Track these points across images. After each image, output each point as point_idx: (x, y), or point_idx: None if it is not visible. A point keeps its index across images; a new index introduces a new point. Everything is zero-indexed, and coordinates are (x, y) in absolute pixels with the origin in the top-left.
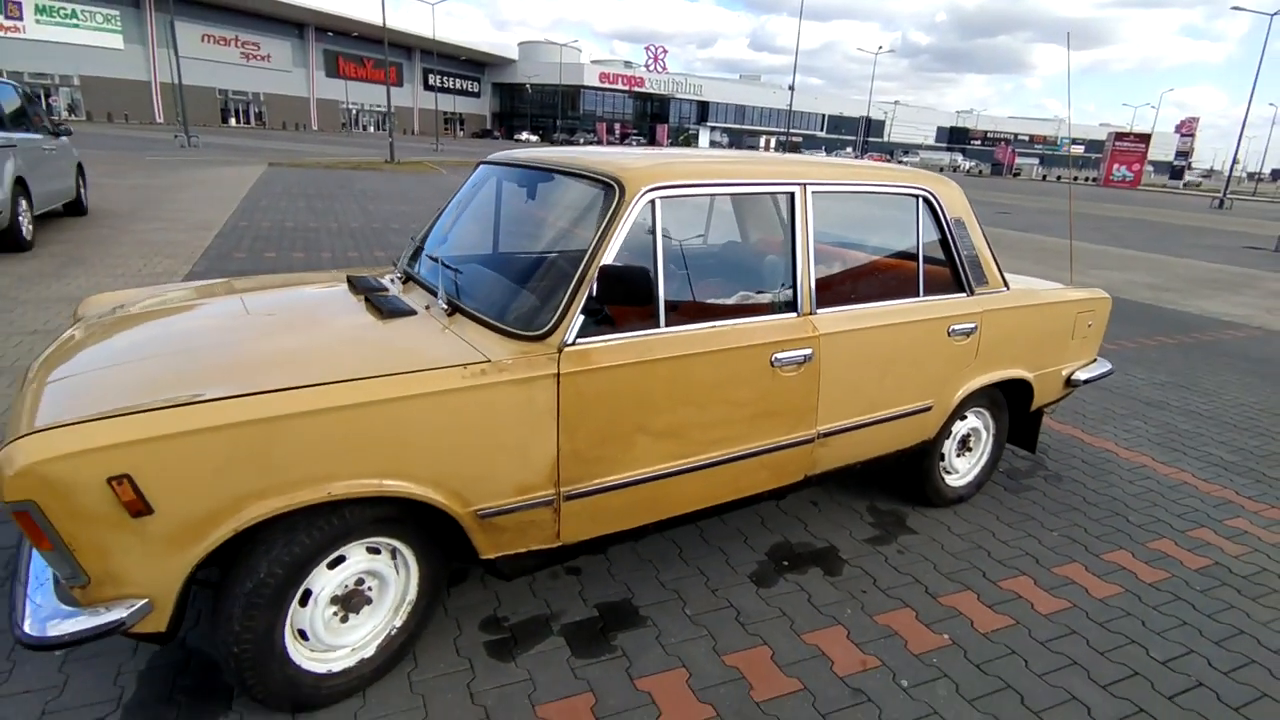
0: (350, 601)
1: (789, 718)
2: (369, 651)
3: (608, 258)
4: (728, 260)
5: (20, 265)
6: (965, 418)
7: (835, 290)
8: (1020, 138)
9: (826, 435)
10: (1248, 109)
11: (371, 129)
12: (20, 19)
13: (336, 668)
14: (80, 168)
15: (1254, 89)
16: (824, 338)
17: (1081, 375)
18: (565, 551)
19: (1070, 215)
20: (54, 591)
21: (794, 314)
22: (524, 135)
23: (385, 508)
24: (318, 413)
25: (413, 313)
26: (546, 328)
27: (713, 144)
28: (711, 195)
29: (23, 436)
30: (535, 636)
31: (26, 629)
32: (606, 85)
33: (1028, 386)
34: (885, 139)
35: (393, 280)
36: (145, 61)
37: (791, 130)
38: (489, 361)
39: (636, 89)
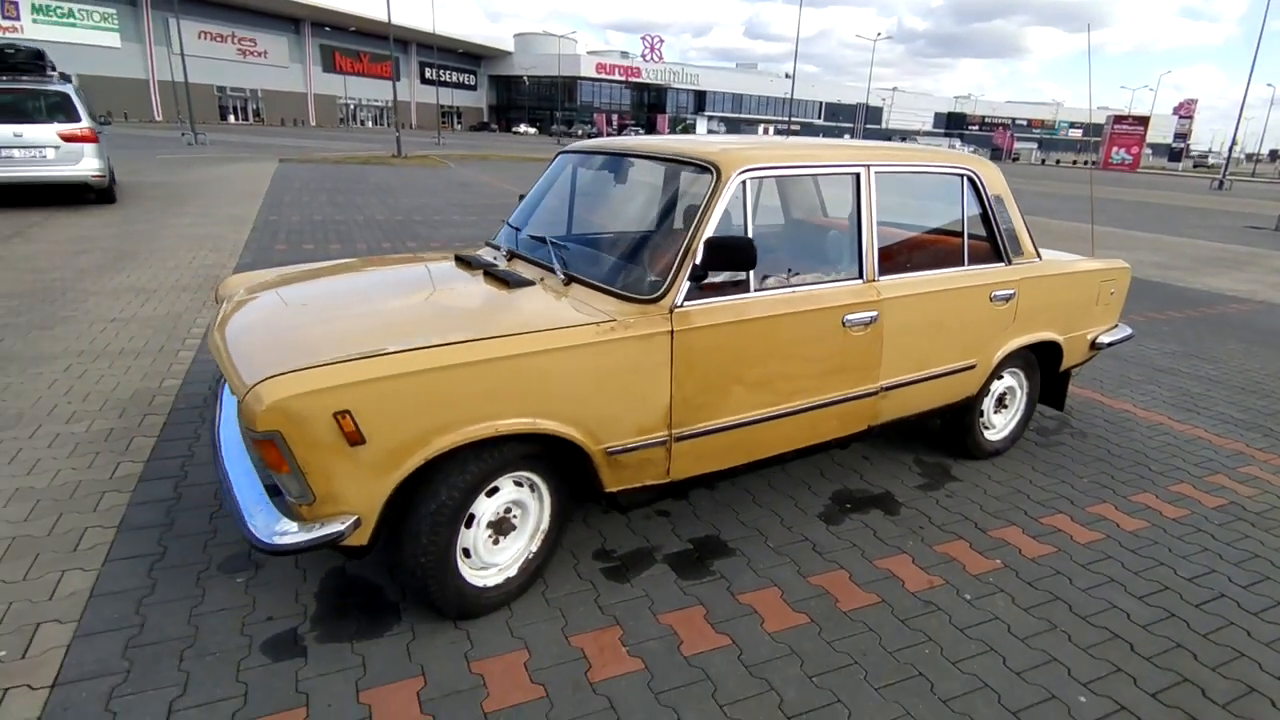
0: (501, 526)
1: (874, 623)
2: (513, 571)
3: (709, 231)
4: (801, 234)
5: (77, 260)
6: (1002, 377)
7: (894, 260)
8: (1018, 122)
9: (888, 389)
10: (1246, 90)
11: (370, 124)
12: (17, 19)
13: (490, 583)
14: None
15: (1252, 69)
16: (886, 301)
17: (1105, 339)
18: (672, 487)
19: (1091, 195)
20: (271, 513)
21: (860, 280)
22: (522, 128)
23: (531, 445)
24: (490, 361)
25: (531, 283)
26: (659, 292)
27: (710, 132)
28: (790, 176)
29: (267, 379)
30: (643, 564)
31: (266, 540)
32: (603, 76)
33: (1058, 348)
34: (883, 125)
35: (496, 258)
36: (143, 60)
37: (789, 119)
38: (616, 320)
39: (633, 79)
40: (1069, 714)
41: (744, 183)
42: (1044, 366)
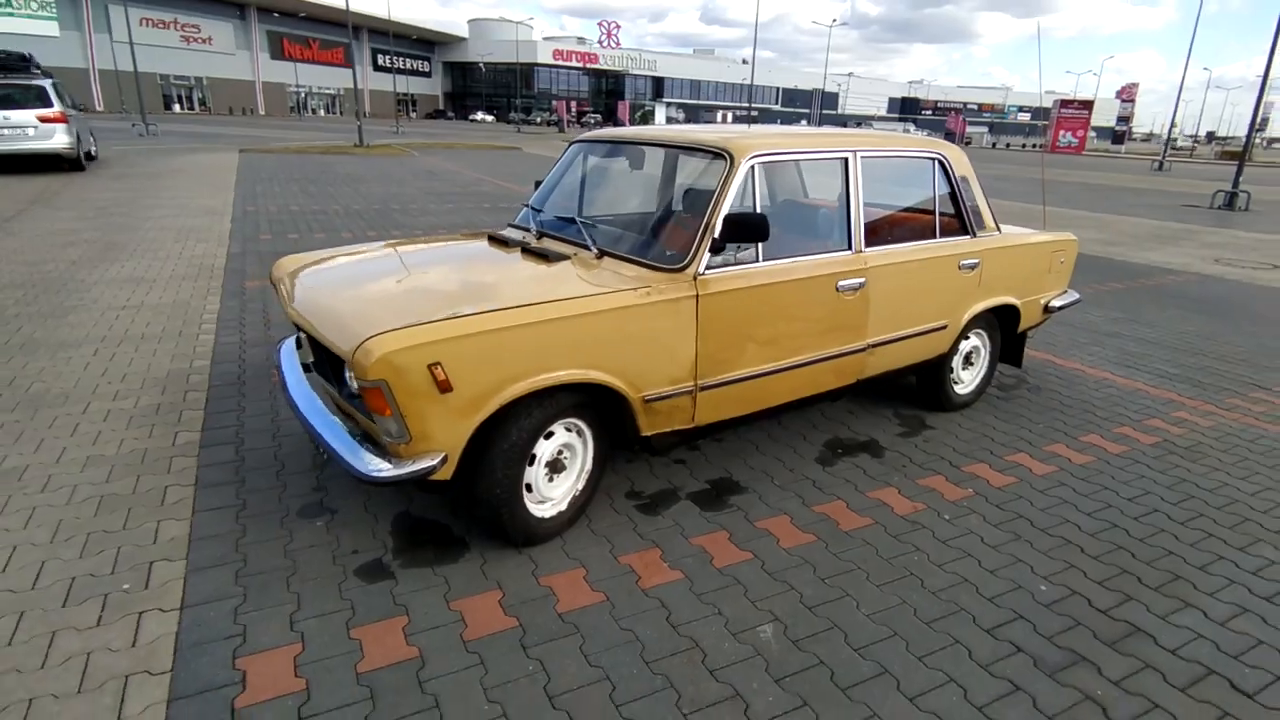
0: (555, 465)
1: (870, 538)
2: (563, 506)
3: (725, 209)
4: (795, 213)
5: (66, 253)
6: (969, 337)
7: (877, 234)
8: (969, 106)
9: (874, 346)
10: (1184, 74)
11: (322, 112)
12: None
13: (547, 515)
14: (90, 130)
15: (1189, 53)
16: (872, 269)
17: (1056, 303)
18: (695, 432)
19: (1043, 177)
20: (362, 454)
21: (849, 251)
22: (479, 115)
23: (581, 394)
24: (552, 321)
25: (566, 257)
26: (684, 262)
27: (669, 120)
28: (792, 161)
29: (375, 336)
30: (669, 501)
31: (370, 473)
32: (560, 63)
33: (1016, 311)
34: (839, 111)
35: (526, 237)
36: (82, 48)
37: (749, 104)
38: (650, 286)
39: (590, 65)
40: (1033, 599)
41: (753, 167)
42: (1004, 328)
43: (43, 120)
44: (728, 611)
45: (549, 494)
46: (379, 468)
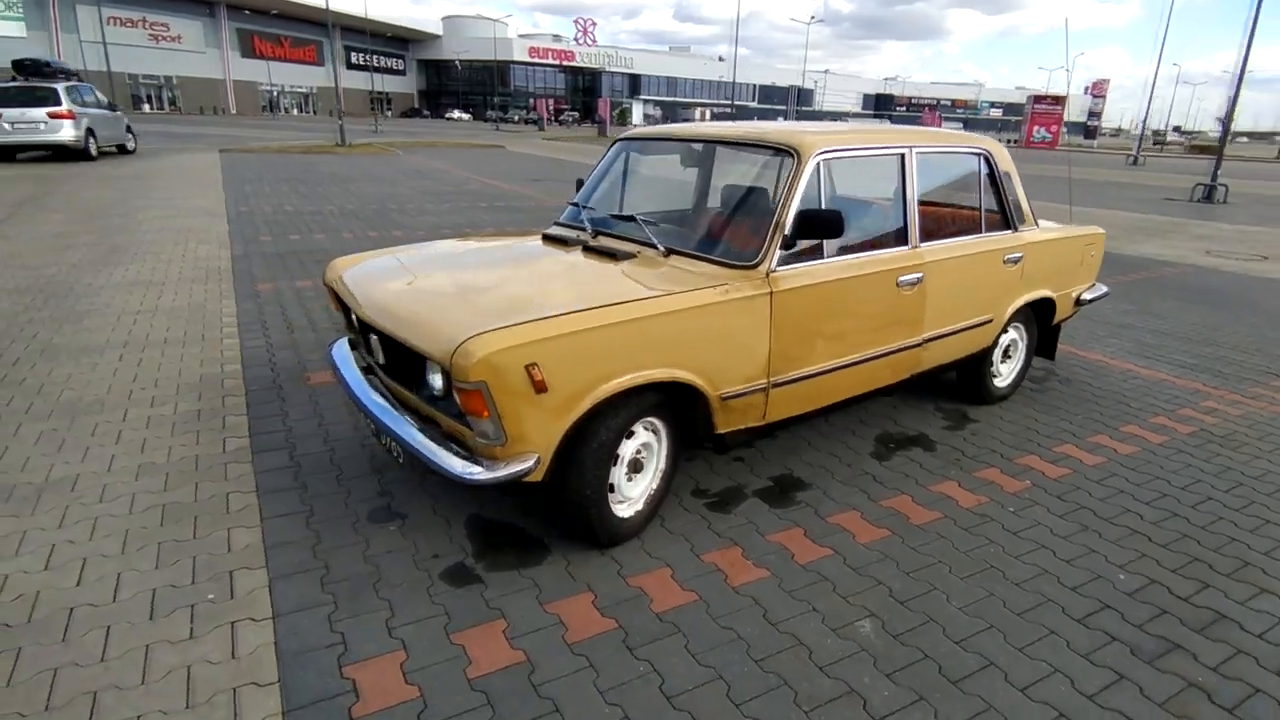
0: (635, 465)
1: (945, 532)
2: (640, 505)
3: (795, 205)
4: (855, 208)
5: (66, 256)
6: (1007, 330)
7: (929, 229)
8: (943, 103)
9: (928, 341)
10: (1156, 69)
11: (295, 111)
12: None
13: (627, 514)
14: (129, 126)
15: (1162, 47)
16: (928, 264)
17: (1087, 296)
18: (763, 429)
19: (1069, 174)
20: (450, 458)
21: (907, 247)
22: (455, 114)
23: (660, 393)
24: (640, 320)
25: (632, 256)
26: (757, 259)
27: (646, 117)
28: (855, 156)
29: (474, 337)
30: (737, 499)
31: (469, 477)
32: (536, 60)
33: (1052, 304)
34: (815, 107)
35: (581, 236)
36: (49, 48)
37: (724, 101)
38: (728, 284)
39: (567, 63)
40: (1114, 588)
41: (819, 164)
42: (1039, 321)
43: (51, 116)
44: (822, 607)
45: (629, 493)
46: (472, 470)
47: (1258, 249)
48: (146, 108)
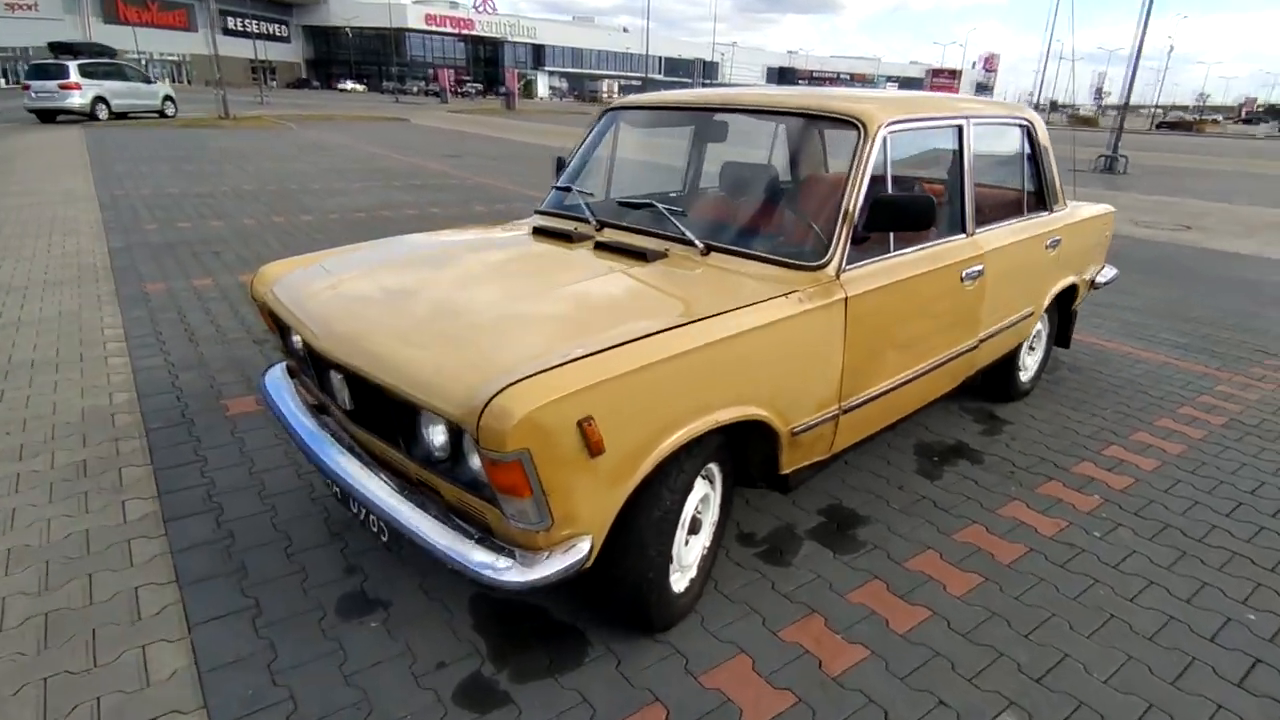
0: (693, 524)
1: (1040, 572)
2: (694, 571)
3: (863, 188)
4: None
5: None
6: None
7: (980, 214)
8: (842, 76)
9: (983, 340)
10: (1048, 45)
11: (168, 81)
12: None
13: (682, 586)
14: (169, 96)
15: (1052, 23)
16: (988, 255)
17: (1101, 279)
18: (828, 462)
19: (1073, 146)
20: (476, 550)
21: (964, 236)
22: (348, 84)
23: (723, 434)
24: (707, 347)
25: (663, 255)
26: (825, 258)
27: (552, 89)
28: (919, 129)
29: (508, 388)
30: (791, 544)
31: (504, 580)
32: (434, 28)
33: (1074, 290)
34: (721, 80)
35: (579, 228)
36: None
37: (632, 74)
38: (799, 291)
39: (466, 32)
40: (1251, 634)
41: (886, 139)
42: (1059, 308)
43: (61, 87)
44: (950, 699)
45: (685, 560)
46: (503, 570)
47: (1178, 219)
48: (1, 82)
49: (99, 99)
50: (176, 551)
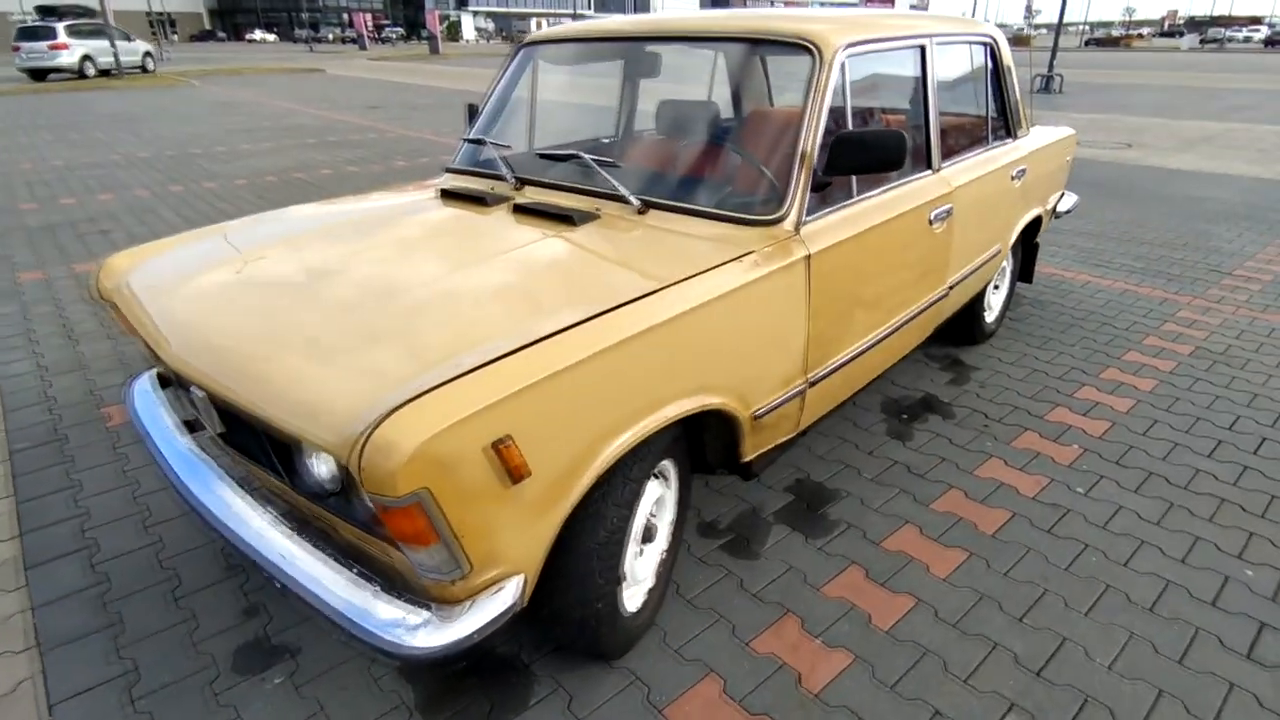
0: (647, 533)
1: (1026, 540)
2: (651, 581)
3: (821, 125)
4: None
5: None
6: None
7: (946, 145)
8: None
9: (952, 286)
10: None
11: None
12: None
13: (637, 604)
14: (149, 53)
15: None
16: (956, 192)
17: (1062, 206)
18: (794, 439)
19: (1030, 64)
20: (379, 604)
21: (930, 172)
22: (258, 35)
23: (677, 427)
24: (656, 330)
25: (593, 216)
26: (784, 209)
27: (478, 30)
28: (879, 51)
29: (395, 413)
30: (758, 529)
31: (422, 645)
32: None
33: (1038, 221)
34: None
35: (496, 188)
36: None
37: (562, 11)
38: (754, 252)
39: None
40: (1250, 592)
41: (844, 64)
42: (1022, 241)
43: (51, 47)
44: (945, 705)
45: (640, 574)
46: (413, 635)
47: (1116, 136)
48: None
49: (86, 57)
50: (38, 607)
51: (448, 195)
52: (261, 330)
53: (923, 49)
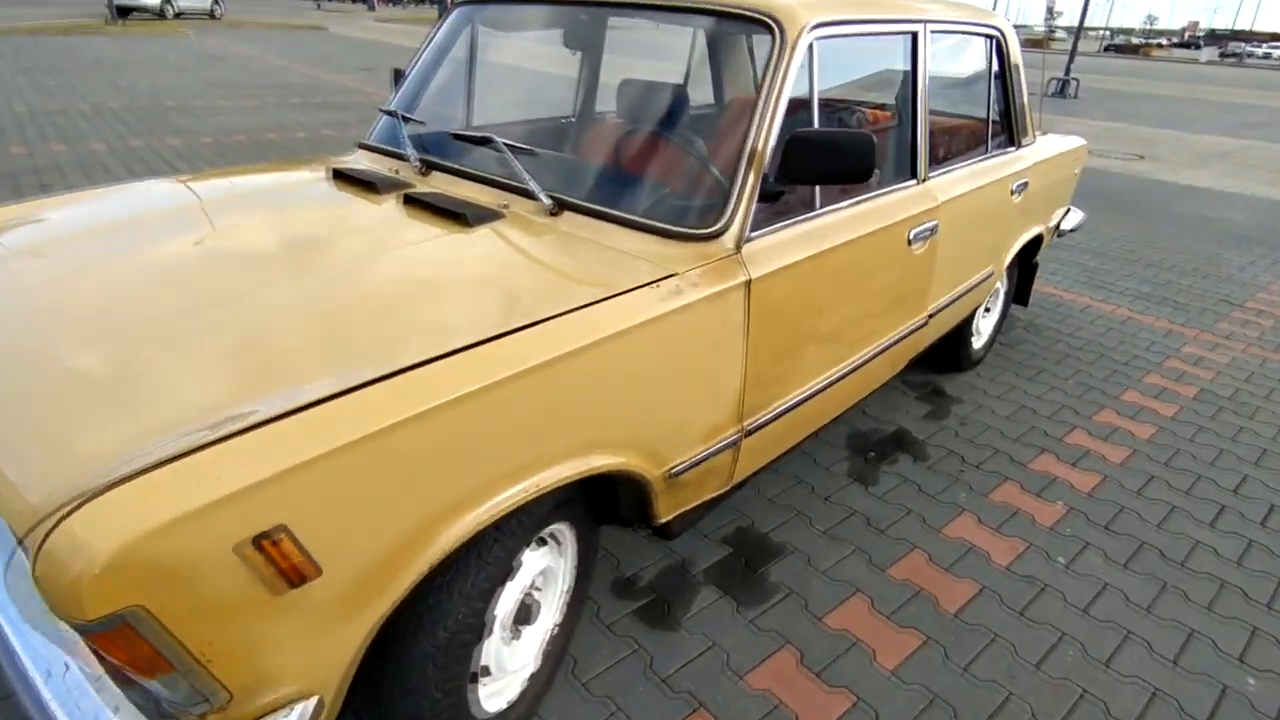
0: (523, 614)
1: (993, 624)
2: (535, 665)
3: (776, 120)
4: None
5: None
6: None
7: (936, 151)
8: None
9: (933, 314)
10: None
11: None
12: None
13: (509, 700)
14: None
15: None
16: (943, 207)
17: (1067, 225)
18: (727, 493)
19: (1043, 68)
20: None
21: (914, 181)
22: None
23: (567, 489)
24: (524, 375)
25: (497, 215)
26: (722, 222)
27: None
28: (857, 35)
29: (90, 503)
30: (684, 593)
31: None
32: None
33: (1038, 240)
34: None
35: (399, 170)
36: None
37: None
38: (677, 275)
39: None
40: (1253, 708)
41: (812, 46)
42: (1020, 261)
43: None
44: None
45: (512, 664)
46: None
47: (1129, 147)
48: None
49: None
50: None
51: (340, 176)
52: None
53: (914, 36)
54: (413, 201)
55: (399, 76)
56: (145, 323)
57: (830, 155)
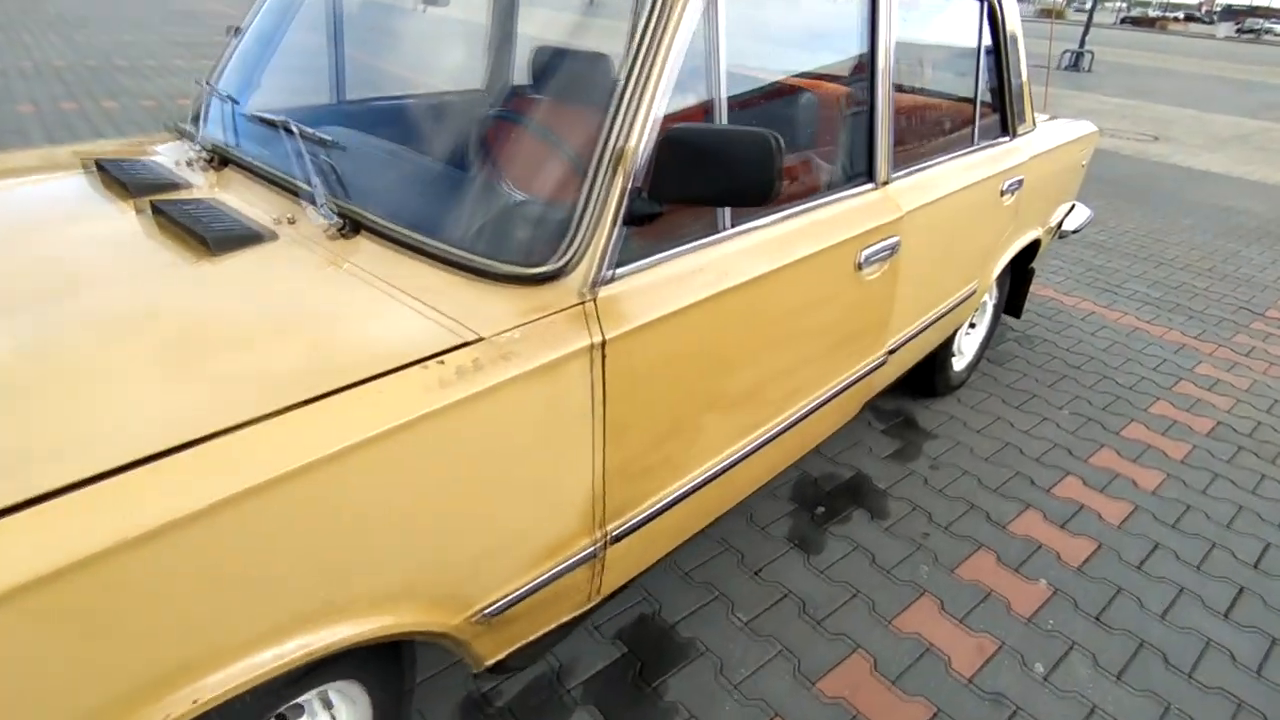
0: None
1: None
2: None
3: (652, 111)
4: (777, 107)
5: None
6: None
7: (901, 145)
8: None
9: (893, 351)
10: None
11: None
12: None
13: None
14: None
15: None
16: (907, 218)
17: (1070, 224)
18: (597, 606)
19: (1050, 45)
20: None
21: (870, 185)
22: None
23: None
24: (242, 499)
25: (259, 238)
26: (566, 255)
27: None
28: None
29: None
30: (551, 714)
31: None
32: None
33: (1034, 245)
34: None
35: (192, 164)
36: None
37: None
38: (480, 341)
39: None
40: None
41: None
42: (1013, 268)
43: None
44: None
45: None
46: None
47: (1143, 127)
48: None
49: None
50: None
51: (102, 169)
52: None
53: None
54: (161, 211)
55: (235, 32)
56: None
57: (711, 164)
